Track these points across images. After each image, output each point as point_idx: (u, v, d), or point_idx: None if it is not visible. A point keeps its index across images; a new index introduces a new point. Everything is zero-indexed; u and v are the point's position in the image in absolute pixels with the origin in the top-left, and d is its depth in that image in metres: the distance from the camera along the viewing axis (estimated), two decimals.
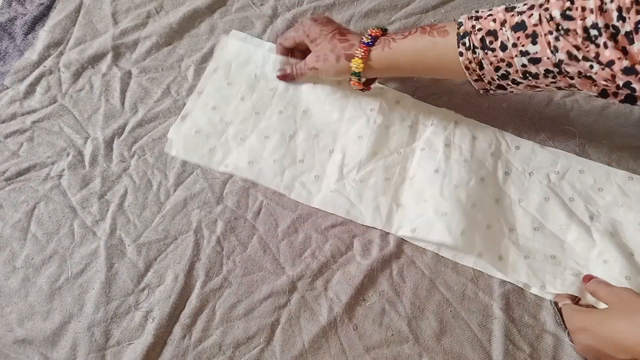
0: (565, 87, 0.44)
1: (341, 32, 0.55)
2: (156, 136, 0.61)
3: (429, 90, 0.63)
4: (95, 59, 0.64)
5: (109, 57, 0.64)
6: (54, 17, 0.67)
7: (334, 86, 0.61)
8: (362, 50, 0.52)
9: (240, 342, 0.51)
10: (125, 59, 0.65)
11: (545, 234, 0.54)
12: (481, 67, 0.46)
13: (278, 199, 0.57)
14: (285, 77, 0.61)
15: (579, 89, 0.43)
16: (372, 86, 0.60)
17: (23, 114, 0.62)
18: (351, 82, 0.56)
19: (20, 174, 0.59)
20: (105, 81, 0.63)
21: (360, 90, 0.58)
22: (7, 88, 0.63)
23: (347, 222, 0.56)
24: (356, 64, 0.53)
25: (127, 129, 0.61)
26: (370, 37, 0.52)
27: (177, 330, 0.52)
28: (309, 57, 0.57)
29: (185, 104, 0.62)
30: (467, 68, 0.46)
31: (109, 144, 0.60)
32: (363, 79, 0.55)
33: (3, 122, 0.61)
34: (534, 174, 0.57)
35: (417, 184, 0.57)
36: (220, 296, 0.53)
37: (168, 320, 0.52)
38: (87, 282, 0.54)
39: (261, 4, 0.68)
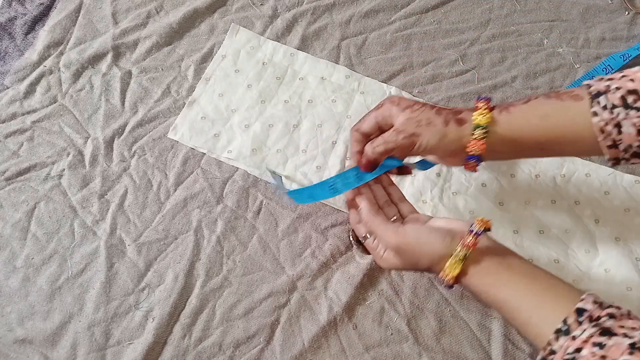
0: None
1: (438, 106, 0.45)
2: (156, 136, 0.61)
3: (427, 89, 0.63)
4: (96, 59, 0.64)
5: (109, 57, 0.64)
6: (54, 17, 0.67)
7: (342, 82, 0.62)
8: (484, 106, 0.42)
9: (240, 342, 0.51)
10: (125, 58, 0.65)
11: (550, 237, 0.54)
12: (619, 131, 0.38)
13: (278, 199, 0.58)
14: (368, 163, 0.45)
15: None
16: (376, 87, 0.60)
17: (23, 114, 0.62)
18: (467, 163, 0.44)
19: (20, 173, 0.59)
20: (106, 81, 0.63)
21: (469, 170, 0.45)
22: (7, 88, 0.63)
23: (347, 221, 0.56)
24: (479, 117, 0.42)
25: (127, 128, 0.61)
26: (481, 101, 0.43)
27: (177, 329, 0.52)
28: (403, 122, 0.44)
29: (185, 104, 0.62)
30: (602, 131, 0.39)
31: (109, 144, 0.60)
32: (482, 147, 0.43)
33: (3, 122, 0.61)
34: (540, 177, 0.57)
35: (417, 182, 0.57)
36: (220, 296, 0.53)
37: (168, 319, 0.52)
38: (87, 281, 0.54)
39: (261, 4, 0.68)
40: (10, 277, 0.54)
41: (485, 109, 0.42)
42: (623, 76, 0.39)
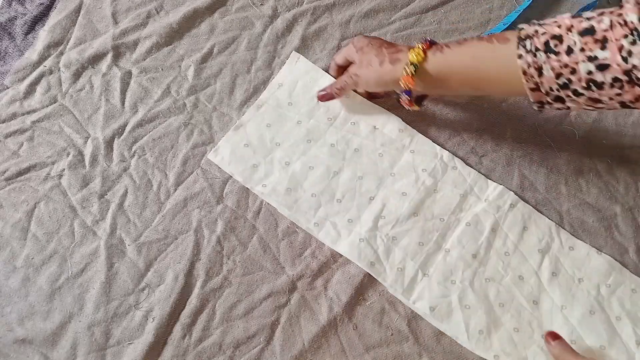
0: (630, 101, 0.41)
1: (389, 42, 0.53)
2: (156, 136, 0.61)
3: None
4: (96, 59, 0.64)
5: (109, 57, 0.64)
6: (54, 17, 0.67)
7: (394, 136, 0.59)
8: (421, 46, 0.48)
9: (240, 342, 0.51)
10: (125, 58, 0.65)
11: (583, 349, 0.50)
12: (540, 74, 0.42)
13: None
14: (324, 96, 0.58)
15: None
16: (428, 147, 0.58)
17: (23, 114, 0.62)
18: (401, 97, 0.52)
19: (20, 173, 0.59)
20: (106, 81, 0.63)
21: (409, 108, 0.54)
22: (7, 88, 0.63)
23: None
24: (413, 56, 0.48)
25: (127, 128, 0.61)
26: (422, 42, 0.49)
27: (177, 329, 0.52)
28: (352, 66, 0.55)
29: (185, 104, 0.62)
30: (525, 73, 0.43)
31: (109, 144, 0.60)
32: (414, 89, 0.50)
33: (3, 122, 0.61)
34: (584, 281, 0.52)
35: (450, 259, 0.53)
36: (220, 296, 0.53)
37: (168, 319, 0.52)
38: (87, 281, 0.54)
39: (261, 4, 0.68)
40: (10, 277, 0.54)
41: (420, 49, 0.48)
42: (554, 22, 0.42)
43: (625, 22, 0.38)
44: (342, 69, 0.59)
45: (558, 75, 0.41)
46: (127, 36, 0.66)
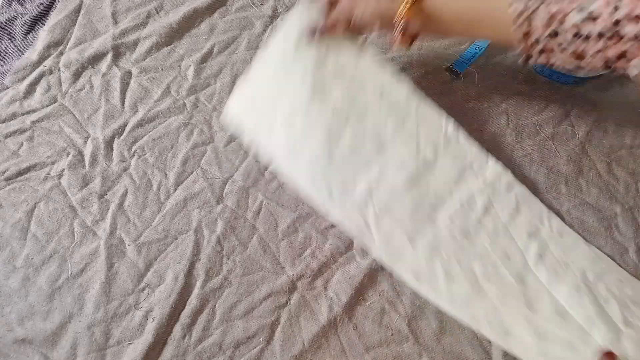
0: (613, 57, 0.41)
1: None
2: (156, 136, 0.61)
3: (431, 91, 0.63)
4: (95, 59, 0.64)
5: (109, 57, 0.64)
6: (54, 17, 0.67)
7: (401, 101, 0.57)
8: None
9: (240, 342, 0.51)
10: (125, 58, 0.65)
11: (569, 321, 0.48)
12: (530, 22, 0.43)
13: (278, 199, 0.58)
14: (313, 35, 0.55)
15: (627, 60, 0.40)
16: (433, 117, 0.57)
17: (23, 114, 0.62)
18: (395, 32, 0.51)
19: (20, 173, 0.59)
20: (105, 81, 0.63)
21: (400, 45, 0.53)
22: (7, 88, 0.63)
23: None
24: None
25: (127, 128, 0.61)
26: None
27: (177, 329, 0.52)
28: (344, 1, 0.53)
29: (185, 104, 0.62)
30: (516, 21, 0.44)
31: (109, 144, 0.60)
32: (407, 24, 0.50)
33: (3, 122, 0.61)
34: (570, 266, 0.51)
35: (440, 235, 0.53)
36: (220, 296, 0.53)
37: (168, 319, 0.52)
38: (87, 281, 0.54)
39: (261, 4, 0.68)
40: (10, 277, 0.54)
41: None
42: None
43: None
44: (331, 7, 0.56)
45: (548, 25, 0.42)
46: (127, 36, 0.66)
